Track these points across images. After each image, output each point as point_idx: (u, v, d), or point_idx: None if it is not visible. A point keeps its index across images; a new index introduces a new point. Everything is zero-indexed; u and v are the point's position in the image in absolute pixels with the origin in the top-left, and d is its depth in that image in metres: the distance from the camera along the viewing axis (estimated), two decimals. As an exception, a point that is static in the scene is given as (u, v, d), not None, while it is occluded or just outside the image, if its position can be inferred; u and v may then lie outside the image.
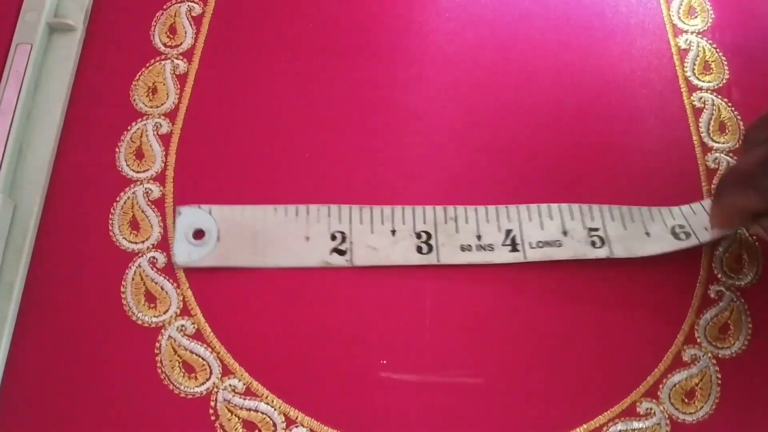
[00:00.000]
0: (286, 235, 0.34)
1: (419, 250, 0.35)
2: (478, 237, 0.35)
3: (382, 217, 0.35)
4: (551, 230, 0.35)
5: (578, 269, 0.35)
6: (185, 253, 0.34)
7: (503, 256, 0.35)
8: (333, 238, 0.35)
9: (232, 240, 0.34)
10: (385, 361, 0.33)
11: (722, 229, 0.34)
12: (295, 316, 0.34)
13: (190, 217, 0.35)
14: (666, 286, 0.35)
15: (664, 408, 0.33)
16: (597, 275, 0.35)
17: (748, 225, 0.34)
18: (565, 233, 0.35)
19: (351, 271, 0.35)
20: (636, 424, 0.33)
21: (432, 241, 0.35)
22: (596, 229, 0.35)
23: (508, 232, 0.35)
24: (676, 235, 0.35)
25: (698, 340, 0.34)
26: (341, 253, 0.34)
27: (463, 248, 0.35)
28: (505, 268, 0.35)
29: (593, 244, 0.35)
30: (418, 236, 0.35)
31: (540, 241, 0.35)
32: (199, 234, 0.34)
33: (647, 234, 0.35)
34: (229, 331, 0.33)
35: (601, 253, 0.35)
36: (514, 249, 0.35)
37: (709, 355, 0.34)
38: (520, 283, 0.35)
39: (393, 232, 0.35)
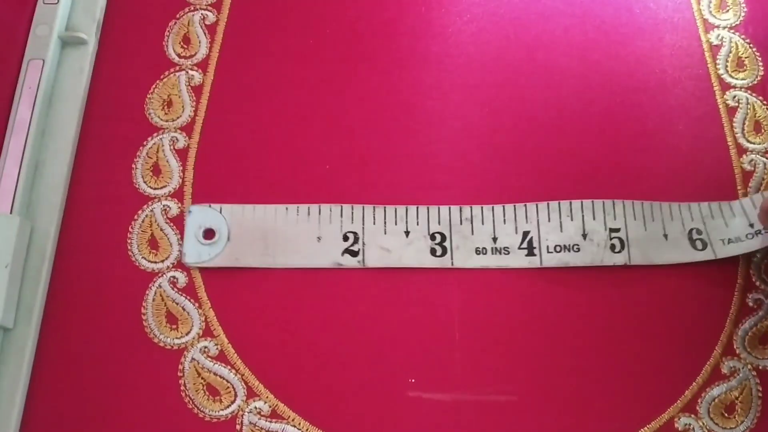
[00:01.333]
0: (297, 235, 0.34)
1: (433, 252, 0.34)
2: (494, 239, 0.34)
3: (396, 217, 0.34)
4: (570, 232, 0.34)
5: (609, 281, 0.34)
6: (195, 253, 0.33)
7: (519, 260, 0.34)
8: (345, 238, 0.34)
9: (243, 240, 0.34)
10: (413, 380, 0.32)
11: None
12: (318, 332, 0.33)
13: (201, 216, 0.34)
14: (702, 295, 0.34)
15: (703, 423, 0.32)
16: (629, 286, 0.34)
17: None
18: (584, 236, 0.34)
19: (373, 282, 0.34)
20: (674, 441, 0.32)
21: (446, 243, 0.34)
22: (617, 230, 0.34)
23: (525, 234, 0.34)
24: (692, 242, 0.34)
25: (737, 351, 0.33)
26: (353, 254, 0.34)
27: (478, 251, 0.34)
28: (531, 279, 0.34)
29: (612, 248, 0.34)
30: (432, 238, 0.34)
31: (558, 245, 0.34)
32: (209, 234, 0.34)
33: (665, 236, 0.34)
34: (253, 350, 0.32)
35: (619, 259, 0.34)
36: (531, 253, 0.34)
37: (749, 366, 0.33)
38: (548, 295, 0.34)
39: (407, 233, 0.34)
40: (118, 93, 0.37)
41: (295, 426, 0.31)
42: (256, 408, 0.32)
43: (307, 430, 0.31)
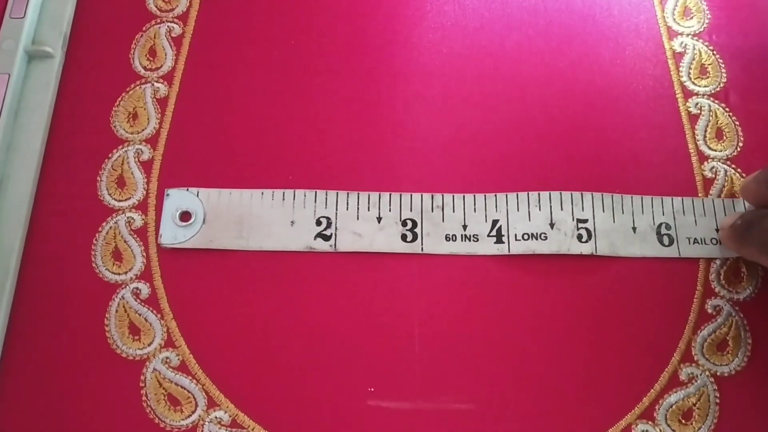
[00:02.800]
0: (271, 220, 0.35)
1: (404, 238, 0.35)
2: (464, 227, 0.35)
3: (369, 203, 0.35)
4: (538, 222, 0.35)
5: (571, 288, 0.34)
6: (171, 235, 0.34)
7: (487, 247, 0.35)
8: (318, 223, 0.35)
9: (218, 223, 0.35)
10: (372, 389, 0.32)
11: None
12: (280, 341, 0.33)
13: (178, 199, 0.35)
14: (661, 302, 0.35)
15: (660, 430, 0.32)
16: (589, 291, 0.35)
17: None
18: (552, 225, 0.35)
19: (340, 292, 0.34)
20: (631, 448, 0.32)
21: (417, 230, 0.35)
22: (585, 221, 0.35)
23: (495, 222, 0.35)
24: (660, 237, 0.35)
25: (695, 358, 0.34)
26: (326, 238, 0.34)
27: (447, 238, 0.35)
28: (497, 286, 0.34)
29: (579, 237, 0.35)
30: (404, 224, 0.35)
31: (525, 233, 0.35)
32: (186, 216, 0.35)
33: (634, 229, 0.35)
34: (214, 361, 0.33)
35: (585, 248, 0.34)
36: (499, 241, 0.35)
37: (707, 373, 0.33)
38: (511, 302, 0.34)
39: (379, 219, 0.35)
40: (83, 106, 0.37)
41: (255, 435, 0.32)
42: (216, 417, 0.32)
43: (266, 439, 0.32)
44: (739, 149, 0.38)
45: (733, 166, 0.37)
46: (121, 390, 0.32)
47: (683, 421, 0.33)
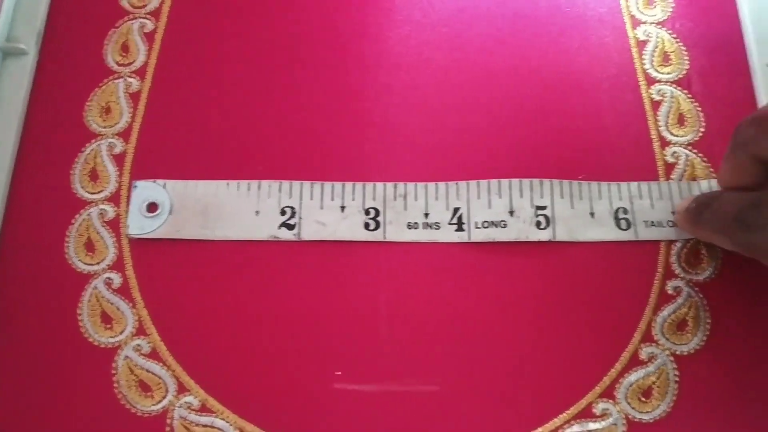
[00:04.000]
0: (236, 210, 0.36)
1: (366, 226, 0.35)
2: (426, 215, 0.36)
3: (333, 193, 0.36)
4: (498, 209, 0.36)
5: (534, 272, 0.35)
6: (138, 226, 0.35)
7: (448, 235, 0.35)
8: (283, 213, 0.36)
9: (184, 213, 0.35)
10: (339, 372, 0.33)
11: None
12: (248, 328, 0.34)
13: (145, 190, 0.36)
14: (623, 284, 0.35)
15: (620, 408, 0.33)
16: (551, 274, 0.35)
17: None
18: (511, 213, 0.35)
19: (305, 280, 0.35)
20: (592, 425, 0.33)
21: (380, 218, 0.36)
22: (543, 208, 0.36)
23: (456, 210, 0.36)
24: (617, 221, 0.36)
25: (656, 338, 0.34)
26: (290, 227, 0.35)
27: (410, 226, 0.35)
28: (460, 271, 0.35)
29: (538, 224, 0.35)
30: (367, 213, 0.36)
31: (486, 221, 0.35)
32: (153, 207, 0.36)
33: (592, 214, 0.36)
34: (185, 347, 0.34)
35: (544, 235, 0.35)
36: (460, 228, 0.36)
37: (667, 352, 0.34)
38: (474, 287, 0.35)
39: (342, 208, 0.36)
40: (57, 101, 0.38)
41: (224, 419, 0.32)
42: (186, 403, 0.33)
43: (235, 422, 0.32)
44: (700, 134, 0.38)
45: (695, 151, 0.38)
46: (94, 377, 0.33)
47: (643, 399, 0.33)
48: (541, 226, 0.35)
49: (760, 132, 0.30)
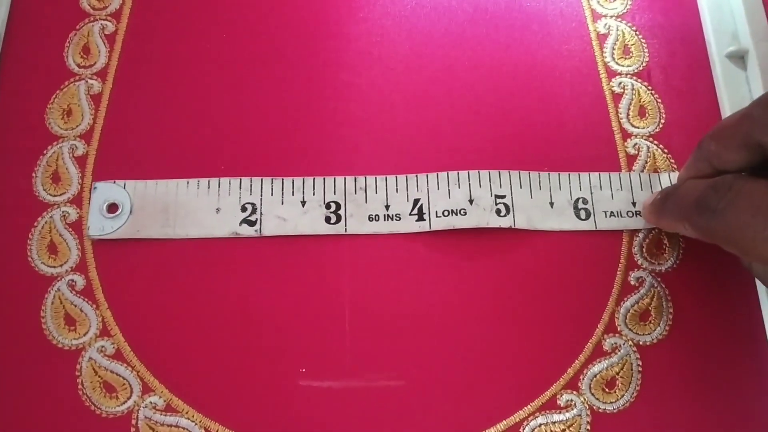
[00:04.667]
0: (197, 208, 0.36)
1: (327, 220, 0.36)
2: (387, 207, 0.36)
3: (293, 188, 0.36)
4: (458, 198, 0.36)
5: (496, 264, 0.35)
6: (99, 227, 0.35)
7: (409, 225, 0.36)
8: (243, 209, 0.36)
9: (145, 213, 0.35)
10: (304, 369, 0.33)
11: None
12: (212, 326, 0.34)
13: (105, 191, 0.36)
14: (586, 275, 0.36)
15: (584, 399, 0.33)
16: (514, 267, 0.36)
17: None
18: (471, 201, 0.36)
19: (267, 276, 0.35)
20: (556, 417, 0.33)
21: (341, 212, 0.36)
22: (503, 197, 0.36)
23: (416, 201, 0.36)
24: (577, 211, 0.36)
25: (619, 329, 0.35)
26: (251, 223, 0.35)
27: (371, 218, 0.36)
28: (423, 264, 0.35)
29: (498, 212, 0.36)
30: (328, 207, 0.36)
31: (446, 210, 0.36)
32: (113, 208, 0.36)
33: (551, 204, 0.36)
34: (149, 347, 0.34)
35: (504, 222, 0.35)
36: (421, 218, 0.36)
37: (630, 343, 0.34)
38: (437, 280, 0.35)
39: (303, 203, 0.36)
40: (18, 104, 0.38)
41: (189, 419, 0.32)
42: (151, 403, 0.33)
43: (200, 422, 0.32)
44: (661, 126, 0.39)
45: (656, 142, 0.38)
46: (57, 379, 0.33)
47: (607, 389, 0.34)
48: (501, 214, 0.35)
49: (721, 147, 0.30)
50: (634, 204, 0.36)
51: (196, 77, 0.39)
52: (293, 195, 0.36)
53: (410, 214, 0.35)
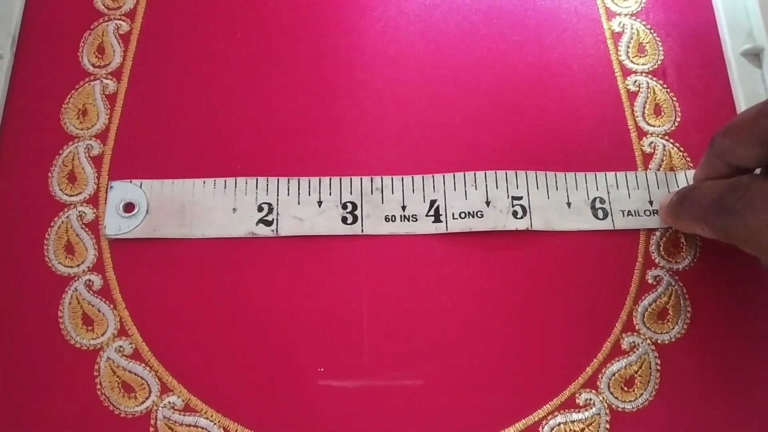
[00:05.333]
0: (213, 207, 0.36)
1: (344, 220, 0.36)
2: (403, 207, 0.36)
3: (309, 188, 0.36)
4: (474, 200, 0.36)
5: (513, 261, 0.35)
6: (115, 226, 0.35)
7: (426, 227, 0.36)
8: (260, 209, 0.36)
9: (161, 212, 0.35)
10: (322, 369, 0.33)
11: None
12: (230, 326, 0.34)
13: (122, 191, 0.36)
14: (603, 275, 0.36)
15: (603, 398, 0.33)
16: (532, 266, 0.36)
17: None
18: (488, 203, 0.35)
19: (285, 276, 0.35)
20: (575, 416, 0.33)
21: (357, 212, 0.36)
22: (519, 198, 0.36)
23: (433, 202, 0.36)
24: (594, 211, 0.36)
25: (637, 327, 0.35)
26: (267, 223, 0.35)
27: (387, 219, 0.36)
28: (440, 263, 0.35)
29: (515, 214, 0.36)
30: (344, 207, 0.36)
31: (462, 212, 0.36)
32: (129, 207, 0.36)
33: (568, 204, 0.36)
34: (167, 347, 0.34)
35: (521, 224, 0.35)
36: (437, 220, 0.36)
37: (648, 341, 0.34)
38: (455, 279, 0.35)
39: (319, 203, 0.36)
40: (34, 104, 0.38)
41: (208, 418, 0.32)
42: (169, 403, 0.33)
43: (219, 421, 0.32)
44: (677, 124, 0.39)
45: (672, 140, 0.38)
46: (76, 379, 0.33)
47: (625, 388, 0.33)
48: (518, 216, 0.35)
49: (736, 143, 0.30)
50: (651, 203, 0.36)
51: (211, 76, 0.39)
52: (309, 195, 0.36)
53: (427, 215, 0.35)
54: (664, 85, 0.39)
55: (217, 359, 0.33)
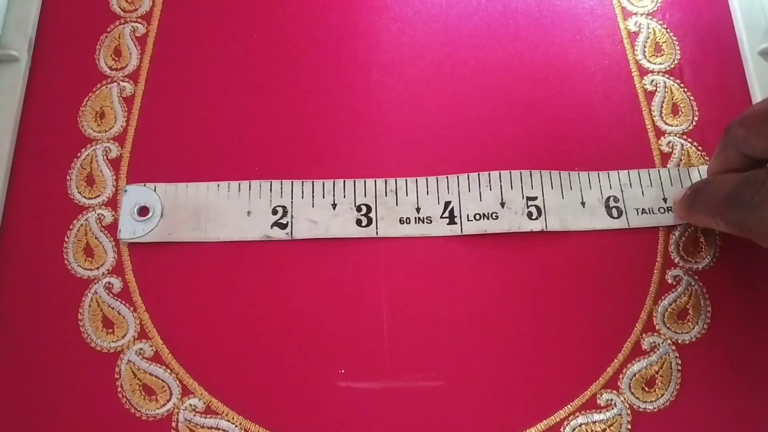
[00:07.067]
0: (228, 210, 0.36)
1: (359, 223, 0.35)
2: (418, 209, 0.36)
3: (323, 191, 0.36)
4: (489, 201, 0.36)
5: (532, 262, 0.35)
6: (130, 230, 0.35)
7: (441, 228, 0.36)
8: (274, 212, 0.36)
9: (176, 216, 0.35)
10: (343, 371, 0.33)
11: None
12: (250, 328, 0.34)
13: (135, 194, 0.36)
14: (623, 275, 0.35)
15: (624, 398, 0.33)
16: (550, 266, 0.35)
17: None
18: (502, 204, 0.35)
19: (303, 278, 0.35)
20: (596, 417, 0.33)
21: (372, 214, 0.36)
22: (534, 198, 0.36)
23: (447, 203, 0.36)
24: (608, 210, 0.36)
25: (657, 327, 0.34)
26: (282, 226, 0.35)
27: (402, 221, 0.36)
28: (460, 264, 0.35)
29: (530, 215, 0.35)
30: (359, 209, 0.36)
31: (477, 214, 0.35)
32: (144, 211, 0.36)
33: (582, 204, 0.36)
34: (187, 350, 0.34)
35: (536, 225, 0.35)
36: (452, 222, 0.36)
37: (669, 341, 0.34)
38: (475, 280, 0.35)
39: (333, 205, 0.36)
40: (51, 107, 0.38)
41: (229, 421, 0.32)
42: (191, 405, 0.33)
43: (240, 423, 0.32)
44: (694, 124, 0.38)
45: (689, 140, 0.38)
46: (97, 382, 0.33)
47: (646, 388, 0.33)
48: (533, 217, 0.35)
49: (750, 133, 0.30)
50: (665, 200, 0.36)
51: (227, 78, 0.39)
52: (324, 198, 0.35)
53: (441, 217, 0.35)
54: (681, 85, 0.39)
55: (238, 361, 0.33)
